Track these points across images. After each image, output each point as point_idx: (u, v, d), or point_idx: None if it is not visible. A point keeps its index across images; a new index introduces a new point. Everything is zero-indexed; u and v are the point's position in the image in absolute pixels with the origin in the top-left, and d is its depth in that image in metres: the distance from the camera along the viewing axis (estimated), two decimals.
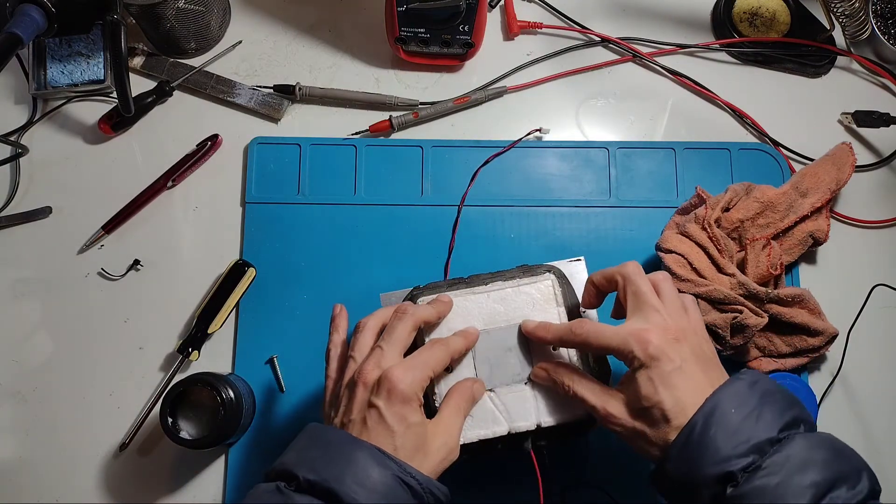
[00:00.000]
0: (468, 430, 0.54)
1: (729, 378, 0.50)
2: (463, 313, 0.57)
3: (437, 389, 0.55)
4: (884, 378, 0.72)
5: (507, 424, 0.55)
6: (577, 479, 0.67)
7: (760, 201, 0.70)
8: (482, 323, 0.57)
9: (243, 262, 0.70)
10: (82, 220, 0.73)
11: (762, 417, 0.46)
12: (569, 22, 0.82)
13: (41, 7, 0.62)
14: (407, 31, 0.74)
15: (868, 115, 0.77)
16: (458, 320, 0.57)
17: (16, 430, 0.69)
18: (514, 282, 0.58)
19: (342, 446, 0.48)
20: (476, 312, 0.57)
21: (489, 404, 0.55)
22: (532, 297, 0.57)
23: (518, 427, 0.55)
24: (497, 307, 0.57)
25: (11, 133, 0.76)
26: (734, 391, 0.48)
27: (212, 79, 0.78)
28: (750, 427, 0.46)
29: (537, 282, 0.58)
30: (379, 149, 0.76)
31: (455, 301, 0.57)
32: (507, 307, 0.57)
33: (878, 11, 0.82)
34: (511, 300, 0.57)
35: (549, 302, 0.57)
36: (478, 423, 0.55)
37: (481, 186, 0.75)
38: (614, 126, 0.79)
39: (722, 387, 0.49)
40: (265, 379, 0.69)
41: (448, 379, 0.56)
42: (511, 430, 0.55)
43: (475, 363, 0.56)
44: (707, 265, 0.67)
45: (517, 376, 0.56)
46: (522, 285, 0.58)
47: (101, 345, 0.71)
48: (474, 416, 0.55)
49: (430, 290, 0.59)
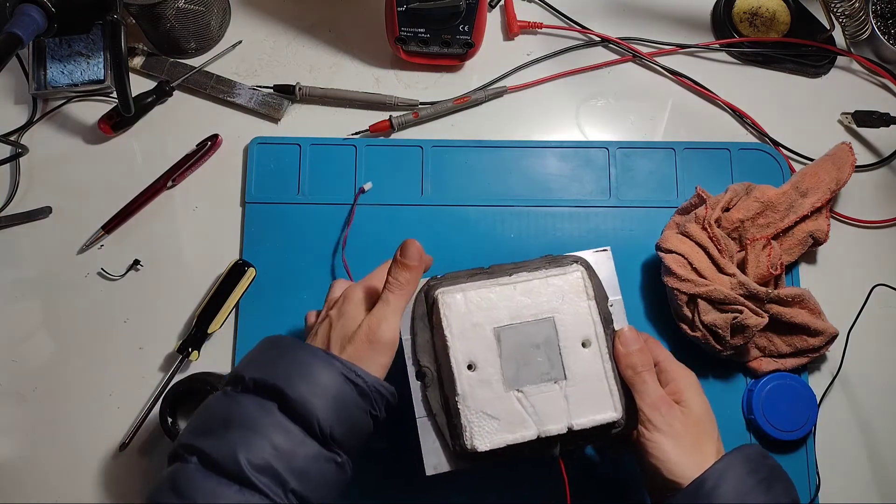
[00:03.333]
0: (493, 434, 0.51)
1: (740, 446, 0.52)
2: (487, 306, 0.53)
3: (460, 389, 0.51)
4: (884, 378, 0.72)
5: (536, 428, 0.51)
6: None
7: (760, 201, 0.70)
8: (508, 317, 0.53)
9: (243, 262, 0.70)
10: (82, 220, 0.73)
11: (773, 488, 0.49)
12: (569, 22, 0.82)
13: (41, 7, 0.62)
14: (407, 31, 0.74)
15: (868, 115, 0.77)
16: (482, 314, 0.53)
17: (16, 430, 0.69)
18: (541, 272, 0.54)
19: (288, 349, 0.49)
20: (501, 305, 0.53)
21: (517, 405, 0.51)
22: (561, 289, 0.54)
23: (548, 430, 0.51)
24: (524, 300, 0.53)
25: (11, 133, 0.76)
26: (748, 456, 0.50)
27: (212, 79, 0.78)
28: (760, 494, 0.48)
29: (566, 273, 0.54)
30: (379, 149, 0.76)
31: (479, 293, 0.53)
32: (535, 300, 0.53)
33: (878, 11, 0.82)
34: (539, 292, 0.53)
35: (580, 294, 0.54)
36: (504, 426, 0.51)
37: (481, 186, 0.75)
38: (614, 126, 0.79)
39: (736, 450, 0.51)
40: None
41: (471, 378, 0.52)
42: (540, 434, 0.51)
43: (501, 361, 0.52)
44: (707, 265, 0.67)
45: (546, 375, 0.52)
46: (550, 276, 0.54)
47: (101, 345, 0.71)
48: (500, 419, 0.51)
49: (449, 280, 0.55)
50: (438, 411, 0.53)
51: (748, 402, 0.69)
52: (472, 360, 0.52)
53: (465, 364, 0.52)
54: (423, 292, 0.55)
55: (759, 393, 0.68)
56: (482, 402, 0.51)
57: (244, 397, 0.47)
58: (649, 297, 0.72)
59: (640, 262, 0.73)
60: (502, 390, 0.52)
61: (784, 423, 0.67)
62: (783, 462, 0.66)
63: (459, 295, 0.53)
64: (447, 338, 0.52)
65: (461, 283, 0.54)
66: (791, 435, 0.67)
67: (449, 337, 0.52)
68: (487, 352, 0.52)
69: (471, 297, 0.53)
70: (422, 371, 0.54)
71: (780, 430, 0.67)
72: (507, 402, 0.51)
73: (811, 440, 0.69)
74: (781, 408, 0.67)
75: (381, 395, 0.49)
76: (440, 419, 0.53)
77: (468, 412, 0.51)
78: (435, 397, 0.54)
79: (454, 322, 0.52)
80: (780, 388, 0.68)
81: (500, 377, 0.52)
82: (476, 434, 0.51)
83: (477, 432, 0.51)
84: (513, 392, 0.52)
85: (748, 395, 0.69)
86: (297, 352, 0.49)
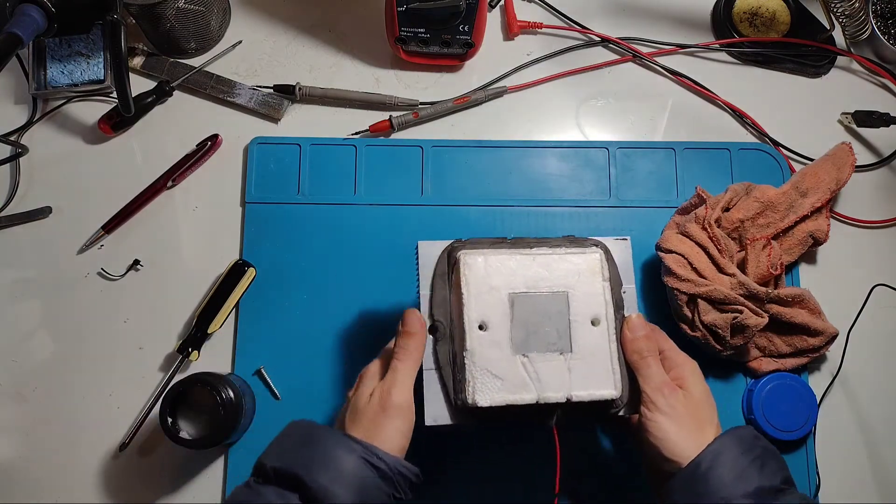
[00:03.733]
0: (495, 392, 0.52)
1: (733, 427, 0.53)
2: (506, 272, 0.55)
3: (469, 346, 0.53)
4: (884, 378, 0.72)
5: (537, 393, 0.53)
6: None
7: (760, 201, 0.70)
8: (524, 285, 0.55)
9: (243, 262, 0.70)
10: (82, 220, 0.73)
11: (766, 467, 0.49)
12: (569, 22, 0.82)
13: (41, 7, 0.62)
14: (407, 31, 0.74)
15: (868, 115, 0.77)
16: (500, 279, 0.55)
17: (16, 430, 0.69)
18: (561, 249, 0.57)
19: (309, 434, 0.49)
20: (519, 273, 0.55)
21: (521, 369, 0.53)
22: (578, 267, 0.56)
23: (547, 397, 0.53)
24: (541, 272, 0.55)
25: (11, 133, 0.76)
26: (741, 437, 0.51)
27: (212, 79, 0.78)
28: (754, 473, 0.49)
29: (585, 253, 0.56)
30: (379, 149, 0.76)
31: (499, 259, 0.55)
32: (552, 273, 0.55)
33: (878, 11, 0.82)
34: (556, 267, 0.55)
35: (595, 275, 0.56)
36: (507, 386, 0.53)
37: (481, 186, 0.75)
38: (614, 126, 0.79)
39: (729, 431, 0.52)
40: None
41: (482, 337, 0.54)
42: (539, 399, 0.53)
43: (511, 325, 0.54)
44: (707, 265, 0.67)
45: (553, 345, 0.54)
46: (570, 254, 0.56)
47: (101, 345, 0.71)
48: (504, 379, 0.53)
49: (472, 244, 0.57)
50: (445, 366, 0.55)
51: (748, 402, 0.69)
52: (485, 321, 0.54)
53: (478, 323, 0.54)
54: (447, 252, 0.57)
55: (759, 393, 0.68)
56: (489, 360, 0.53)
57: (266, 489, 0.47)
58: (649, 297, 0.72)
59: (640, 262, 0.73)
60: (509, 353, 0.54)
61: (784, 423, 0.67)
62: None
63: (481, 258, 0.55)
64: (464, 296, 0.54)
65: (483, 248, 0.56)
66: (791, 435, 0.67)
67: (466, 295, 0.54)
68: (500, 315, 0.54)
69: (491, 261, 0.55)
70: (435, 325, 0.56)
71: (780, 430, 0.67)
72: (513, 364, 0.53)
73: (811, 440, 0.69)
74: (781, 408, 0.67)
75: (403, 478, 0.49)
76: (446, 373, 0.55)
77: (474, 368, 0.53)
78: (444, 352, 0.56)
79: (472, 282, 0.55)
80: (780, 388, 0.68)
81: (509, 340, 0.54)
82: (479, 389, 0.53)
83: (479, 388, 0.53)
84: (519, 356, 0.54)
85: (748, 395, 0.69)
86: (318, 436, 0.49)
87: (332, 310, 0.71)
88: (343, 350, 0.70)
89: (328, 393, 0.69)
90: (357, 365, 0.65)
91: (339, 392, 0.69)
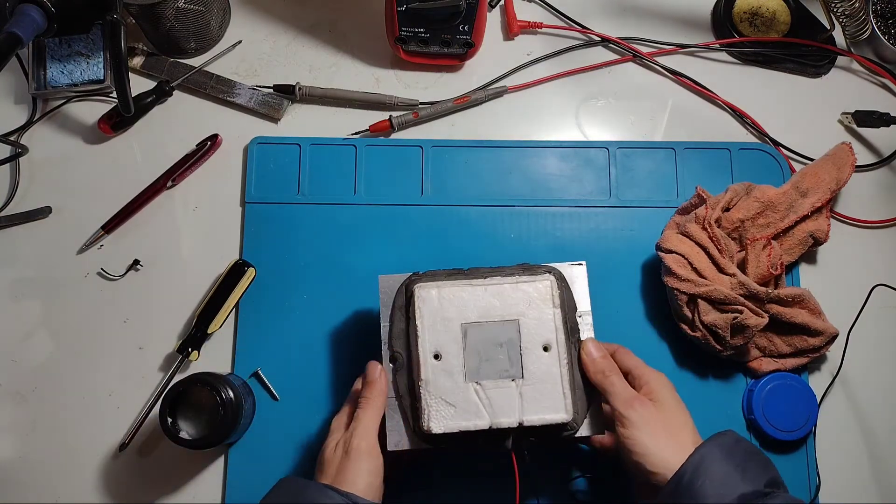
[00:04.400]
0: (449, 419, 0.55)
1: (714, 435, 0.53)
2: (458, 304, 0.57)
3: (424, 375, 0.56)
4: (884, 378, 0.72)
5: (489, 419, 0.55)
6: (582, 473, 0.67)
7: (761, 201, 0.70)
8: (476, 315, 0.57)
9: (243, 262, 0.70)
10: (82, 220, 0.73)
11: (748, 472, 0.50)
12: (569, 22, 0.82)
13: (41, 7, 0.62)
14: (407, 30, 0.74)
15: (868, 115, 0.77)
16: (453, 310, 0.57)
17: (16, 430, 0.69)
18: (512, 278, 0.58)
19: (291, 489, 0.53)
20: (472, 304, 0.57)
21: (474, 396, 0.56)
22: (529, 295, 0.58)
23: (500, 423, 0.55)
24: (493, 301, 0.57)
25: (11, 133, 0.76)
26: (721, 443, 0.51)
27: (212, 79, 0.78)
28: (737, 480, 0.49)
29: (536, 281, 0.58)
30: (379, 149, 0.76)
31: (452, 291, 0.57)
32: (504, 302, 0.57)
33: (878, 11, 0.82)
34: (508, 296, 0.58)
35: (546, 302, 0.57)
36: (460, 413, 0.55)
37: (481, 186, 0.75)
38: (614, 126, 0.79)
39: (710, 439, 0.52)
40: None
41: (436, 367, 0.56)
42: (492, 425, 0.55)
43: (464, 354, 0.56)
44: (707, 265, 0.67)
45: (505, 372, 0.56)
46: (521, 283, 0.58)
47: (101, 345, 0.71)
48: (457, 406, 0.55)
49: (428, 277, 0.59)
50: (405, 394, 0.58)
51: (748, 403, 0.68)
52: (439, 351, 0.56)
53: (432, 353, 0.57)
54: (405, 286, 0.59)
55: (760, 393, 0.68)
56: (443, 389, 0.56)
57: None
58: (649, 297, 0.72)
59: (640, 262, 0.73)
60: (462, 381, 0.56)
61: (784, 424, 0.67)
62: (783, 462, 0.67)
63: (434, 291, 0.58)
64: (418, 327, 0.57)
65: (438, 281, 0.58)
66: (791, 435, 0.67)
67: (420, 327, 0.57)
68: (453, 345, 0.57)
69: (445, 293, 0.58)
70: (394, 356, 0.59)
71: (780, 430, 0.67)
72: (466, 392, 0.56)
73: (811, 440, 0.69)
74: (781, 408, 0.67)
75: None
76: (405, 402, 0.58)
77: (429, 397, 0.56)
78: (403, 381, 0.58)
79: (426, 314, 0.57)
80: (780, 388, 0.68)
81: (462, 369, 0.56)
82: (433, 417, 0.55)
83: (434, 416, 0.55)
84: (472, 384, 0.56)
85: (748, 395, 0.69)
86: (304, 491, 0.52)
87: (332, 310, 0.71)
88: (342, 350, 0.70)
89: (328, 393, 0.69)
90: (356, 365, 0.66)
91: (338, 392, 0.69)
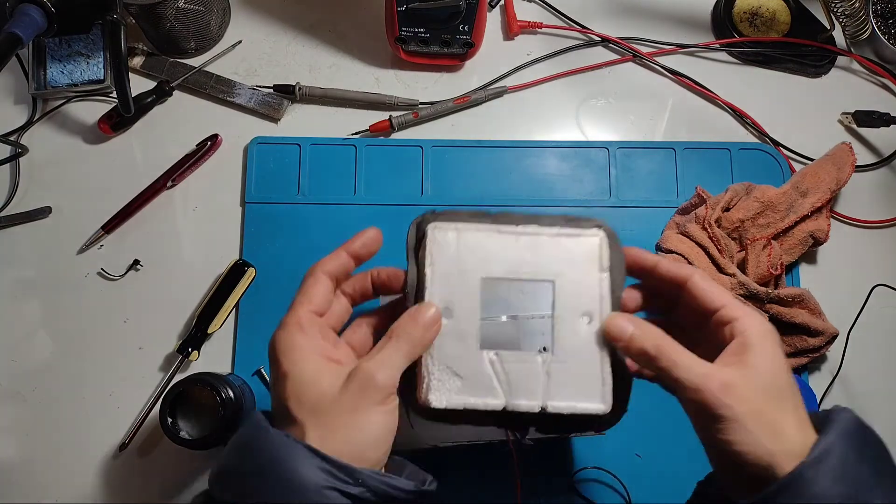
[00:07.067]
0: (453, 393, 0.44)
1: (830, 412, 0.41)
2: (481, 253, 0.45)
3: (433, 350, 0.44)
4: (884, 378, 0.72)
5: (505, 398, 0.44)
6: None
7: (761, 201, 0.70)
8: (502, 269, 0.45)
9: (243, 262, 0.70)
10: (82, 220, 0.73)
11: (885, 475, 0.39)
12: (569, 22, 0.82)
13: (41, 7, 0.62)
14: (407, 30, 0.74)
15: (868, 115, 0.77)
16: (473, 260, 0.45)
17: (16, 430, 0.69)
18: (552, 229, 0.46)
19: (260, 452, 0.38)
20: (497, 255, 0.45)
21: (488, 368, 0.44)
22: (571, 252, 0.45)
23: (517, 405, 0.43)
24: (525, 254, 0.45)
25: (11, 133, 0.76)
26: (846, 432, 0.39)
27: (212, 79, 0.78)
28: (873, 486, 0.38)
29: (581, 236, 0.46)
30: (379, 149, 0.76)
31: (474, 236, 0.46)
32: (538, 258, 0.45)
33: (878, 11, 0.82)
34: (544, 250, 0.45)
35: (592, 263, 0.45)
36: (468, 387, 0.44)
37: (481, 186, 0.75)
38: (614, 126, 0.79)
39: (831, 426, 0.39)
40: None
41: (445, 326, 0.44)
42: (507, 407, 0.44)
43: (481, 315, 0.45)
44: (707, 265, 0.67)
45: (530, 343, 0.45)
46: (563, 236, 0.46)
47: (101, 345, 0.71)
48: (465, 378, 0.44)
49: (447, 216, 0.47)
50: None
51: None
52: (450, 307, 0.45)
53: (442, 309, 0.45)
54: (416, 224, 0.48)
55: None
56: (450, 355, 0.44)
57: None
58: None
59: None
60: (475, 347, 0.44)
61: None
62: None
63: (452, 234, 0.46)
64: (426, 276, 0.45)
65: (458, 222, 0.47)
66: None
67: (429, 275, 0.45)
68: (469, 302, 0.45)
69: (465, 238, 0.46)
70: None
71: None
72: (478, 362, 0.44)
73: None
74: None
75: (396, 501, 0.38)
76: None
77: (431, 363, 0.44)
78: None
79: (439, 261, 0.46)
80: None
81: (477, 333, 0.45)
82: (433, 388, 0.44)
83: (435, 386, 0.44)
84: (487, 353, 0.44)
85: None
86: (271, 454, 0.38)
87: None
88: None
89: None
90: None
91: None
